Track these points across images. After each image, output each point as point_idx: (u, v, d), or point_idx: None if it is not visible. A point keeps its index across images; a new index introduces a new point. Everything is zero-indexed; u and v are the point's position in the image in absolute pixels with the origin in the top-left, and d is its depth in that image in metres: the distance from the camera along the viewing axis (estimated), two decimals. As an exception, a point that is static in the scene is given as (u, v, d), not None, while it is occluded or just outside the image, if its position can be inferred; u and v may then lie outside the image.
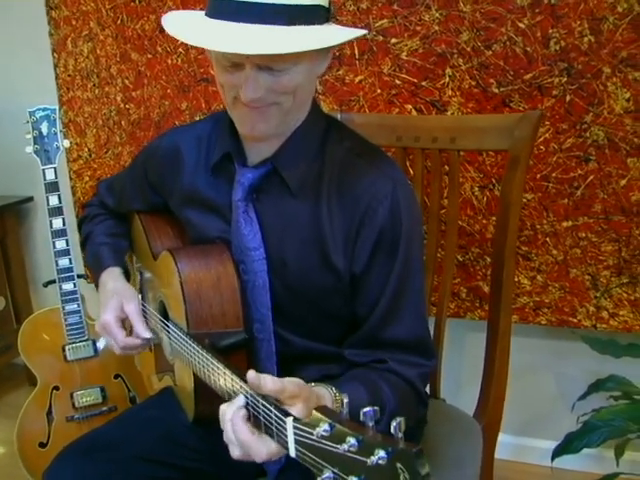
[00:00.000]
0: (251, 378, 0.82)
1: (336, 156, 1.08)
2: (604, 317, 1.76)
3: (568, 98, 1.66)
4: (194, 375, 1.07)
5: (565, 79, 1.65)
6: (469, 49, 1.72)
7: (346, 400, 0.71)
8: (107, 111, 2.21)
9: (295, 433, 0.73)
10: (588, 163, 1.68)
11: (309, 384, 0.87)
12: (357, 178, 1.05)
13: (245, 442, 0.82)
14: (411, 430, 0.64)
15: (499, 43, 1.69)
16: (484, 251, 1.83)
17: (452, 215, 1.44)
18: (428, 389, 1.20)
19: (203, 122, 1.25)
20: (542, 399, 1.97)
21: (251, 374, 0.82)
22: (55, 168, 1.81)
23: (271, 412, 0.78)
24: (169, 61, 2.07)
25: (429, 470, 0.57)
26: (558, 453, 1.51)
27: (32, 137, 1.80)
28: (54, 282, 1.86)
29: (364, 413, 0.65)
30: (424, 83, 1.79)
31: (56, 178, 1.81)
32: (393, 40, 1.79)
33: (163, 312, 1.22)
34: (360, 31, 1.00)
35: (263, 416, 0.80)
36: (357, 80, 1.86)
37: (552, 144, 1.70)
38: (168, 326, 1.16)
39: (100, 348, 1.90)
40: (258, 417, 0.81)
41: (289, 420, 0.74)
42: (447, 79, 1.76)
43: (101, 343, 1.90)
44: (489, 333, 1.38)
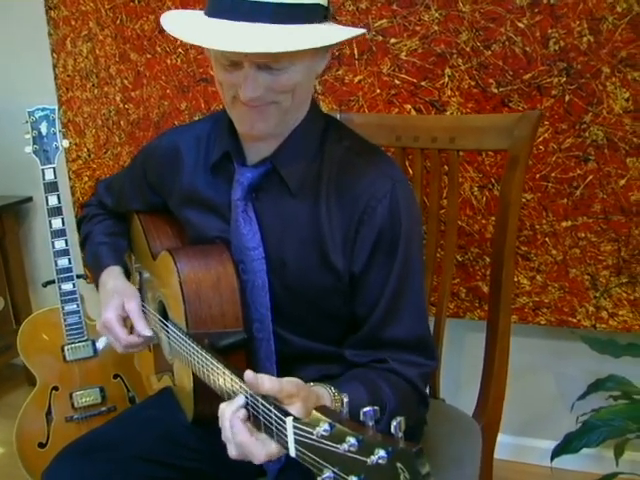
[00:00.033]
0: (248, 378, 0.81)
1: (335, 155, 1.08)
2: (603, 317, 1.76)
3: (567, 98, 1.66)
4: (193, 375, 1.07)
5: (564, 79, 1.65)
6: (468, 49, 1.72)
7: (346, 400, 0.71)
8: (106, 111, 2.21)
9: (295, 433, 0.73)
10: (587, 163, 1.68)
11: (308, 384, 0.87)
12: (356, 177, 1.05)
13: (243, 444, 0.82)
14: (411, 430, 0.64)
15: (498, 43, 1.69)
16: (483, 251, 1.83)
17: (451, 215, 1.44)
18: (427, 389, 1.20)
19: (202, 122, 1.25)
20: (541, 399, 1.97)
21: (248, 374, 0.82)
22: (54, 168, 1.81)
23: (271, 412, 0.78)
24: (168, 61, 2.07)
25: (429, 470, 0.57)
26: (557, 453, 1.51)
27: (31, 137, 1.79)
28: (53, 282, 1.86)
29: (364, 413, 0.65)
30: (423, 83, 1.79)
31: (55, 178, 1.81)
32: (392, 40, 1.79)
33: (162, 312, 1.22)
34: (358, 30, 0.99)
35: (263, 416, 0.80)
36: (356, 80, 1.86)
37: (551, 144, 1.70)
38: (167, 326, 1.16)
39: (99, 348, 1.90)
40: (258, 417, 0.81)
41: (289, 420, 0.74)
42: (446, 79, 1.76)
43: (100, 343, 1.90)
44: (488, 333, 1.38)
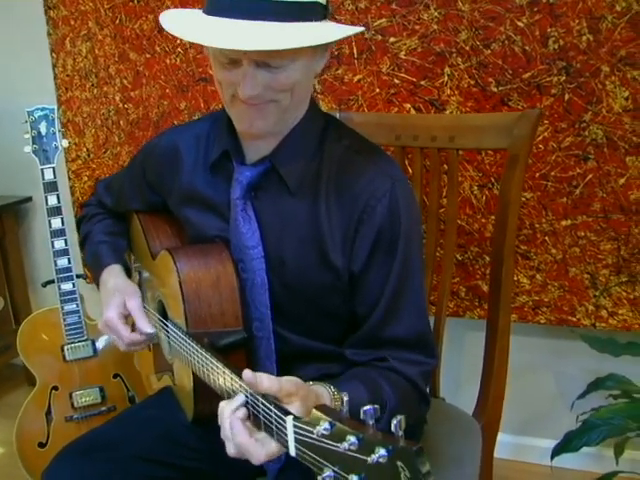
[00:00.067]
0: (247, 377, 0.81)
1: (334, 154, 1.08)
2: (603, 316, 1.76)
3: (567, 97, 1.66)
4: (193, 374, 1.06)
5: (564, 78, 1.65)
6: (468, 48, 1.72)
7: (346, 398, 0.71)
8: (106, 111, 2.20)
9: (295, 432, 0.73)
10: (587, 162, 1.68)
11: (307, 383, 0.87)
12: (355, 176, 1.05)
13: (243, 445, 0.82)
14: (411, 429, 0.64)
15: (498, 42, 1.69)
16: (483, 250, 1.83)
17: (451, 214, 1.43)
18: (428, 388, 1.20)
19: (201, 121, 1.25)
20: (541, 398, 1.97)
21: (247, 373, 0.82)
22: (54, 168, 1.81)
23: (271, 411, 0.78)
24: (168, 61, 2.07)
25: (430, 468, 0.57)
26: (557, 452, 1.51)
27: (31, 137, 1.79)
28: (53, 282, 1.86)
29: (364, 411, 0.65)
30: (423, 82, 1.79)
31: (55, 178, 1.80)
32: (392, 39, 1.79)
33: (162, 312, 1.21)
34: (357, 28, 0.99)
35: (263, 415, 0.80)
36: (356, 79, 1.86)
37: (551, 143, 1.70)
38: (167, 326, 1.16)
39: (99, 348, 1.90)
40: (258, 416, 0.81)
41: (289, 419, 0.74)
42: (446, 78, 1.76)
43: (100, 343, 1.90)
44: (488, 332, 1.38)
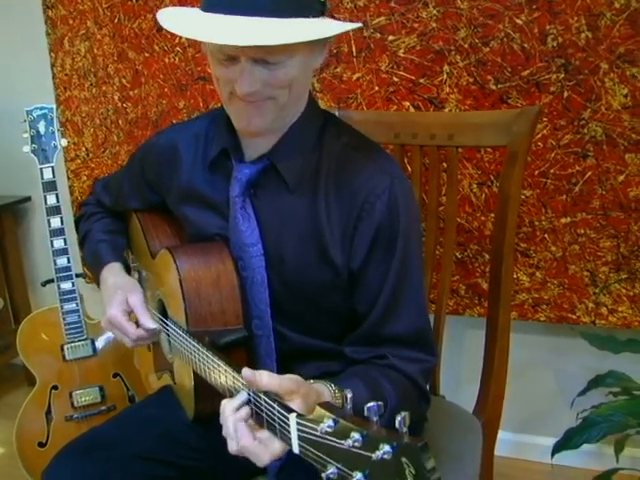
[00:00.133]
0: (246, 375, 0.81)
1: (333, 151, 1.08)
2: (603, 313, 1.76)
3: (566, 94, 1.66)
4: (194, 373, 1.06)
5: (563, 75, 1.65)
6: (466, 46, 1.72)
7: (350, 395, 0.71)
8: (104, 110, 2.20)
9: (298, 429, 0.73)
10: (586, 159, 1.68)
11: (308, 381, 0.87)
12: (354, 173, 1.05)
13: (246, 448, 0.82)
14: (411, 426, 0.64)
15: (496, 40, 1.69)
16: (483, 248, 1.83)
17: (450, 212, 1.43)
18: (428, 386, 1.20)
19: (200, 119, 1.25)
20: (541, 395, 1.97)
21: (246, 371, 0.81)
22: (53, 167, 1.80)
23: (274, 408, 0.78)
24: (166, 60, 2.07)
25: (435, 464, 0.57)
26: (558, 449, 1.51)
27: (29, 136, 1.79)
28: (52, 281, 1.86)
29: (368, 408, 0.65)
30: (422, 80, 1.79)
31: (54, 177, 1.80)
32: (390, 37, 1.79)
33: (162, 311, 1.21)
34: (354, 24, 0.99)
35: (266, 412, 0.80)
36: (355, 77, 1.86)
37: (550, 140, 1.70)
38: (167, 324, 1.16)
39: (99, 347, 1.90)
40: (260, 414, 0.81)
41: (292, 416, 0.74)
42: (445, 76, 1.76)
43: (100, 342, 1.90)
44: (488, 330, 1.38)
